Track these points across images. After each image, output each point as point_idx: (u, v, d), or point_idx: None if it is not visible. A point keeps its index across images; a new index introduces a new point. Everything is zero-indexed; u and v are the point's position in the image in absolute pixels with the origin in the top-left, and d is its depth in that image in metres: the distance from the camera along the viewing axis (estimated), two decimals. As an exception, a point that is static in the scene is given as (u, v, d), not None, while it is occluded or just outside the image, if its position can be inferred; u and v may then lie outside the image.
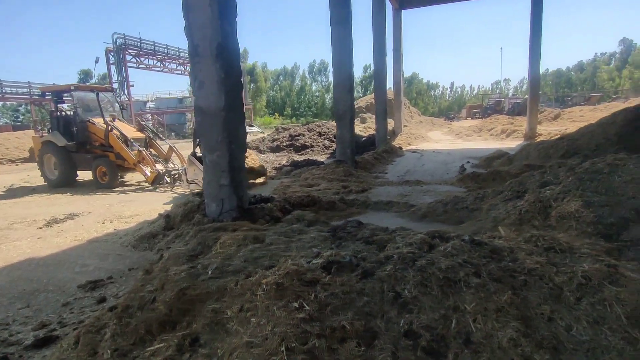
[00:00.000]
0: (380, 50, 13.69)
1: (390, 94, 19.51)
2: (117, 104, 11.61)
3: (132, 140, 9.82)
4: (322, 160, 12.50)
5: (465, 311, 1.50)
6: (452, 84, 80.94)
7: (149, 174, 9.34)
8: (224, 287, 1.68)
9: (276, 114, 53.52)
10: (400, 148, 15.21)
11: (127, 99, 24.67)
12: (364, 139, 16.12)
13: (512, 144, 15.51)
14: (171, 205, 6.51)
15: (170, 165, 10.18)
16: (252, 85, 53.53)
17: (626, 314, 1.58)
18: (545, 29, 15.53)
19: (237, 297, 1.61)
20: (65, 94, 11.03)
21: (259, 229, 2.57)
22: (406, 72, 68.70)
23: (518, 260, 1.74)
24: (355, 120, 25.55)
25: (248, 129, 16.47)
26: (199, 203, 4.79)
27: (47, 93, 11.62)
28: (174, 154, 10.39)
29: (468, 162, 10.93)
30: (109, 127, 9.86)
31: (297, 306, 1.40)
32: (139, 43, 27.06)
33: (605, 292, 1.63)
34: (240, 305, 1.55)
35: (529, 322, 1.53)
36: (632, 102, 24.01)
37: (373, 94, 16.70)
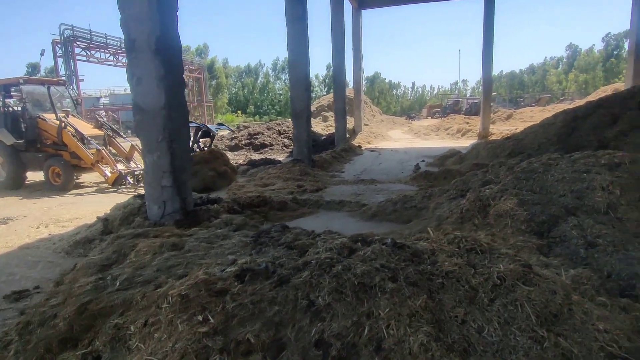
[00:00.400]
0: (338, 49, 13.73)
1: (350, 92, 19.66)
2: (69, 99, 10.77)
3: (89, 138, 9.15)
4: (280, 159, 12.38)
5: (379, 317, 1.47)
6: (414, 84, 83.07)
7: (109, 174, 8.74)
8: (130, 300, 1.56)
9: (238, 111, 52.60)
10: (360, 147, 15.36)
11: (76, 94, 23.30)
12: (323, 137, 16.15)
13: (466, 142, 16.07)
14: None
15: (132, 164, 9.56)
16: (213, 82, 52.30)
17: (535, 312, 1.62)
18: (501, 34, 16.20)
19: (142, 310, 1.50)
20: (13, 88, 10.04)
21: (182, 234, 2.44)
22: (370, 72, 69.62)
23: (437, 263, 1.74)
24: (317, 119, 25.64)
25: (220, 128, 15.94)
26: (140, 205, 4.55)
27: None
28: (136, 153, 9.69)
29: (423, 160, 11.19)
30: (62, 124, 9.07)
31: (201, 319, 1.31)
32: (89, 35, 25.61)
33: (518, 292, 1.66)
34: (145, 320, 1.44)
35: (442, 326, 1.52)
36: (576, 103, 25.59)
37: (334, 93, 16.79)
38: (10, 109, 9.94)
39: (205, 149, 11.03)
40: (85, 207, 7.14)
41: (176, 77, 4.25)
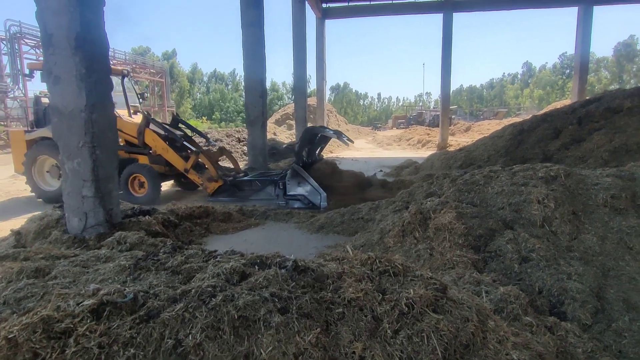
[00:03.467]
0: (300, 58, 13.62)
1: (314, 101, 19.59)
2: (133, 93, 8.82)
3: (184, 140, 7.76)
4: (237, 167, 11.99)
5: (259, 357, 1.26)
6: (379, 95, 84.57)
7: (209, 183, 7.28)
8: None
9: (203, 117, 51.38)
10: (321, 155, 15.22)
11: (23, 95, 21.84)
12: (284, 145, 15.91)
13: (426, 153, 16.34)
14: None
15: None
16: (175, 85, 50.87)
17: (443, 344, 1.46)
18: (462, 50, 16.73)
19: (-36, 357, 1.21)
20: None
21: (62, 255, 2.14)
22: (336, 82, 70.26)
23: (341, 289, 1.55)
24: (282, 127, 25.41)
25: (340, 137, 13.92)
26: (59, 217, 4.12)
27: (35, 71, 8.07)
28: (222, 157, 8.15)
29: (381, 170, 11.21)
30: (146, 121, 7.50)
31: (28, 371, 1.05)
32: (38, 32, 24.12)
33: (425, 321, 1.50)
34: (-34, 370, 1.16)
35: (335, 365, 1.33)
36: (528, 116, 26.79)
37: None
38: None
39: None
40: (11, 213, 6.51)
41: (101, 77, 3.89)
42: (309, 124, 15.96)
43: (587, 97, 12.00)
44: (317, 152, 8.46)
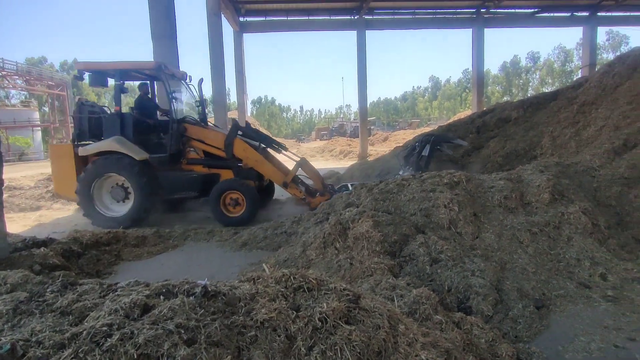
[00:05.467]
0: (218, 72, 13.33)
1: (234, 115, 19.27)
2: (195, 100, 7.52)
3: (281, 149, 6.94)
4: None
5: (163, 398, 1.17)
6: (302, 107, 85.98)
7: (312, 198, 6.55)
8: None
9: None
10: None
11: None
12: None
13: (348, 163, 16.92)
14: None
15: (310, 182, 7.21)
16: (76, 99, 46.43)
17: (356, 355, 1.49)
18: (378, 64, 17.72)
19: None
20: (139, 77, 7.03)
21: None
22: (258, 95, 70.04)
23: (253, 311, 1.51)
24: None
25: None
26: None
27: (85, 73, 6.71)
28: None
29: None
30: (235, 131, 6.59)
31: None
32: None
33: (338, 334, 1.52)
34: None
35: (247, 392, 1.28)
36: (438, 126, 29.26)
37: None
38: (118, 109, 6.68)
39: None
40: None
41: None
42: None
43: (484, 108, 13.51)
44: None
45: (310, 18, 17.31)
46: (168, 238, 5.58)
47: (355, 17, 17.25)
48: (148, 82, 7.35)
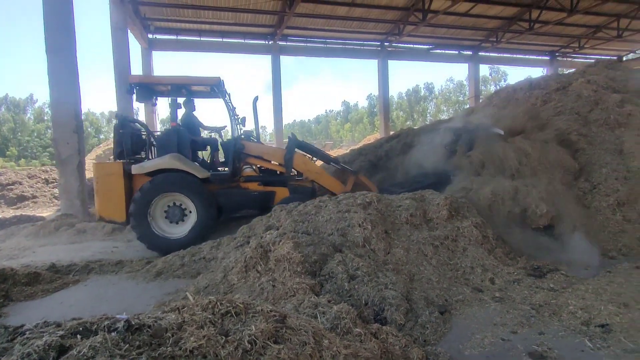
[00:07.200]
0: (123, 90, 12.48)
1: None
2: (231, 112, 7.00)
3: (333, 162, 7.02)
4: (45, 215, 10.00)
5: None
6: (225, 127, 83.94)
7: None
8: None
9: (-9, 154, 41.02)
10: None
11: None
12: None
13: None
14: None
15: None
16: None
17: (285, 373, 1.56)
18: (293, 87, 18.16)
19: None
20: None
21: None
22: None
23: (182, 340, 1.51)
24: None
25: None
26: None
27: (136, 85, 6.12)
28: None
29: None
30: (295, 145, 6.66)
31: None
32: None
33: (267, 354, 1.58)
34: None
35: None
36: (350, 148, 30.82)
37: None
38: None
39: None
40: None
41: None
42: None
43: (392, 132, 14.72)
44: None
45: (224, 40, 17.27)
46: (67, 273, 5.02)
47: (270, 43, 17.68)
48: (193, 98, 6.97)
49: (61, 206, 8.18)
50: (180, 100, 6.67)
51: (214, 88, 6.39)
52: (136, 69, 15.77)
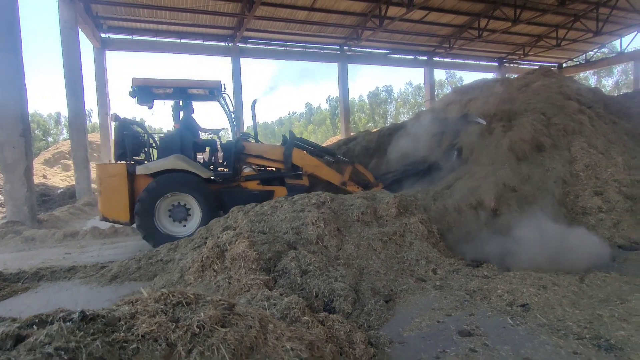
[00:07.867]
0: (75, 91, 12.05)
1: (96, 138, 17.47)
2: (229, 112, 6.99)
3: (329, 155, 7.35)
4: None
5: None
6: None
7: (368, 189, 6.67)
8: None
9: None
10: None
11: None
12: (61, 190, 13.54)
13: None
14: None
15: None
16: None
17: (231, 351, 1.75)
18: (257, 90, 18.13)
19: None
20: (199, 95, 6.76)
21: None
22: (130, 117, 64.19)
23: (134, 327, 1.65)
24: (56, 168, 21.39)
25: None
26: None
27: (138, 88, 6.21)
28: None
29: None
30: (294, 141, 7.10)
31: None
32: None
33: (215, 336, 1.76)
34: None
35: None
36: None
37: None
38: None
39: None
40: None
41: None
42: (93, 163, 14.08)
43: (352, 134, 15.12)
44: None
45: (182, 41, 17.02)
46: (15, 281, 4.88)
47: (230, 45, 17.61)
48: (192, 100, 6.92)
49: (7, 213, 7.82)
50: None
51: (214, 91, 6.58)
52: (88, 68, 15.23)
